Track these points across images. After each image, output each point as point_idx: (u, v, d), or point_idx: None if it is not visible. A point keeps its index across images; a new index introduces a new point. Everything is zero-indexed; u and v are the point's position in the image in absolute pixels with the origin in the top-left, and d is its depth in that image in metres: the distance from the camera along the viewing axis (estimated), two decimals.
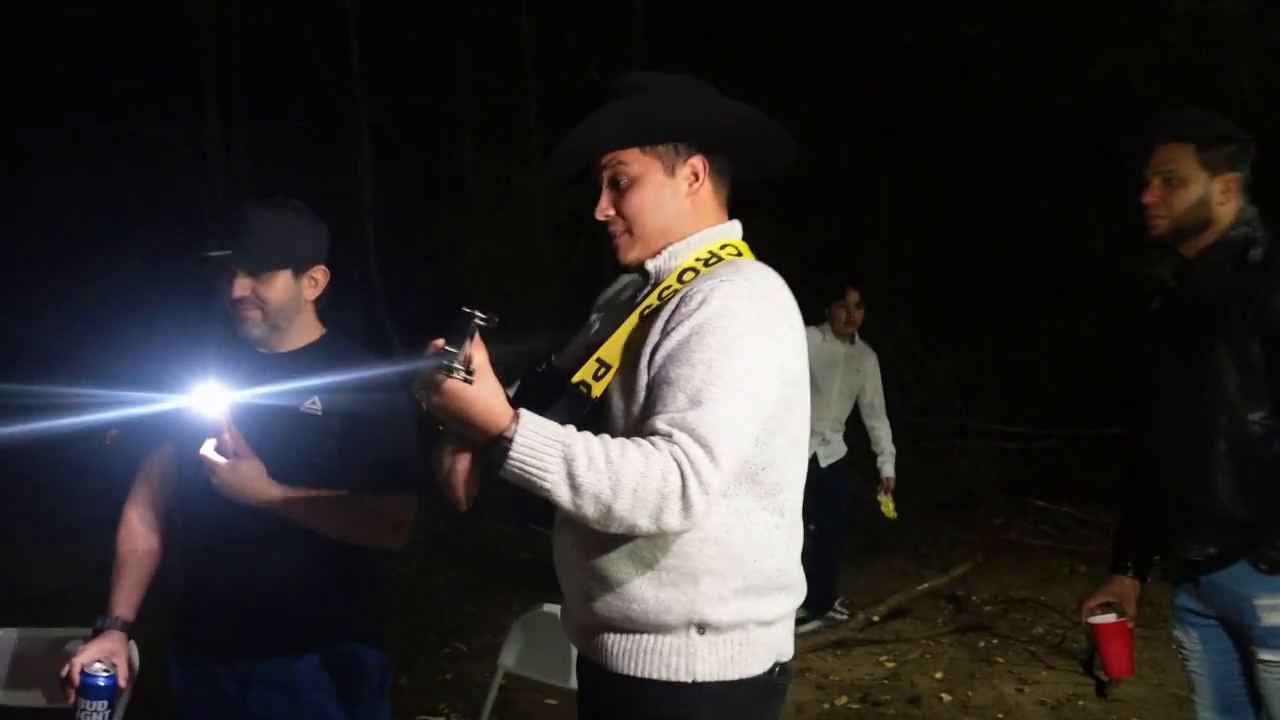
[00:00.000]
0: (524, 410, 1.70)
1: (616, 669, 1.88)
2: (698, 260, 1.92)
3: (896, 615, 6.34)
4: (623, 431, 1.80)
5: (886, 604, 6.34)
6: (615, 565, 1.84)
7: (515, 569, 7.26)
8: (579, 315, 2.16)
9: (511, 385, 2.03)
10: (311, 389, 2.43)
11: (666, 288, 1.90)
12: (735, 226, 2.02)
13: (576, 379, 1.87)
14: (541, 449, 1.67)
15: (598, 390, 1.86)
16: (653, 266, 1.95)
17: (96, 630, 2.45)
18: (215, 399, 2.30)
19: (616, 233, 1.96)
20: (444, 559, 7.49)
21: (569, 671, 2.06)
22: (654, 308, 1.89)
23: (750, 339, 1.78)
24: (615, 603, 1.86)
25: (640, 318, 1.89)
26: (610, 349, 1.88)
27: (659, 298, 1.90)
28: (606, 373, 1.87)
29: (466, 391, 1.67)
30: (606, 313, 2.06)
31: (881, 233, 13.07)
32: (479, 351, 1.69)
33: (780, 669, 1.94)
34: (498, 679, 3.29)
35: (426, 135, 13.03)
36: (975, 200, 12.12)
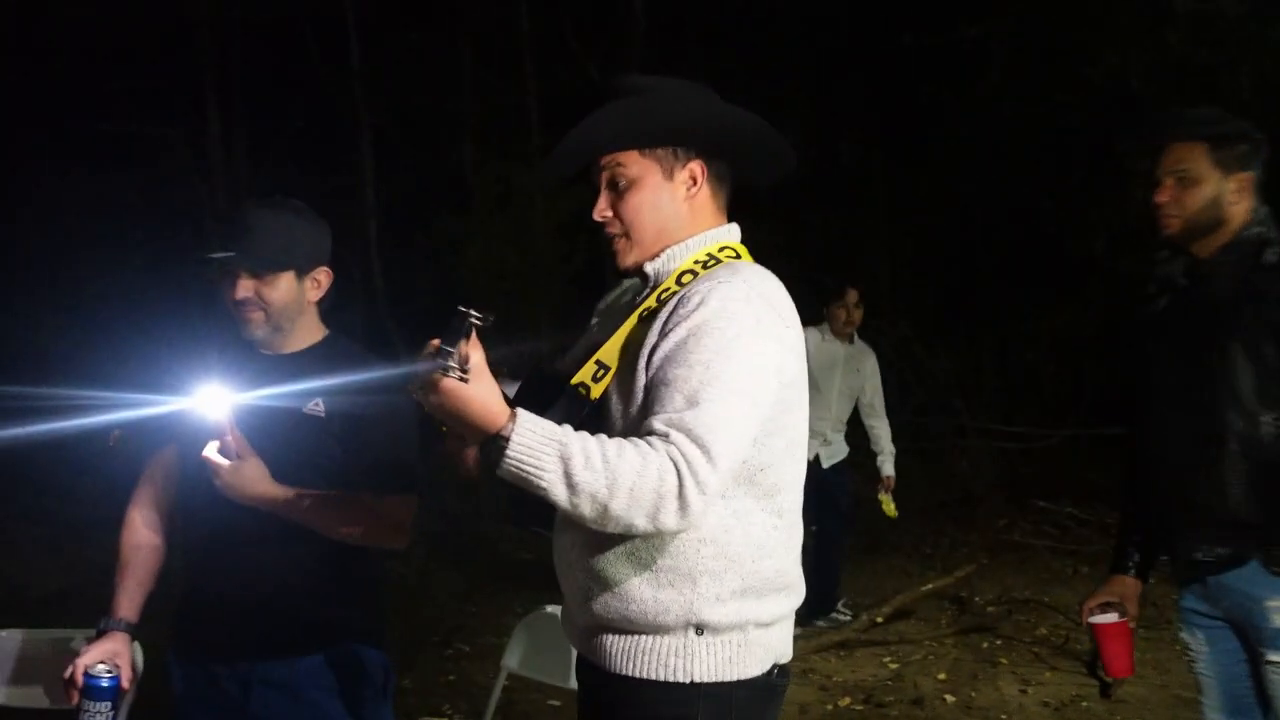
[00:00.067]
0: (521, 409, 1.70)
1: (615, 670, 1.88)
2: (696, 263, 1.93)
3: (900, 616, 6.34)
4: (621, 432, 1.80)
5: (890, 605, 6.34)
6: (614, 566, 1.84)
7: (516, 570, 7.26)
8: (580, 316, 2.16)
9: (513, 386, 2.03)
10: (314, 390, 2.43)
11: (665, 290, 1.90)
12: (734, 229, 2.03)
13: (575, 380, 1.88)
14: (538, 448, 1.67)
15: (596, 392, 1.87)
16: (651, 269, 1.96)
17: (100, 631, 2.45)
18: (218, 401, 2.30)
19: (614, 235, 1.97)
20: (444, 560, 7.48)
21: (571, 673, 2.06)
22: (652, 310, 1.89)
23: (747, 340, 1.79)
24: (614, 603, 1.86)
25: (639, 319, 1.90)
26: (609, 351, 1.89)
27: (657, 300, 1.90)
28: (605, 374, 1.88)
29: (463, 391, 1.67)
30: (606, 316, 2.07)
31: (882, 233, 13.07)
32: (476, 351, 1.69)
33: (779, 670, 1.94)
34: (501, 680, 3.29)
35: (427, 135, 13.03)
36: (975, 200, 12.11)
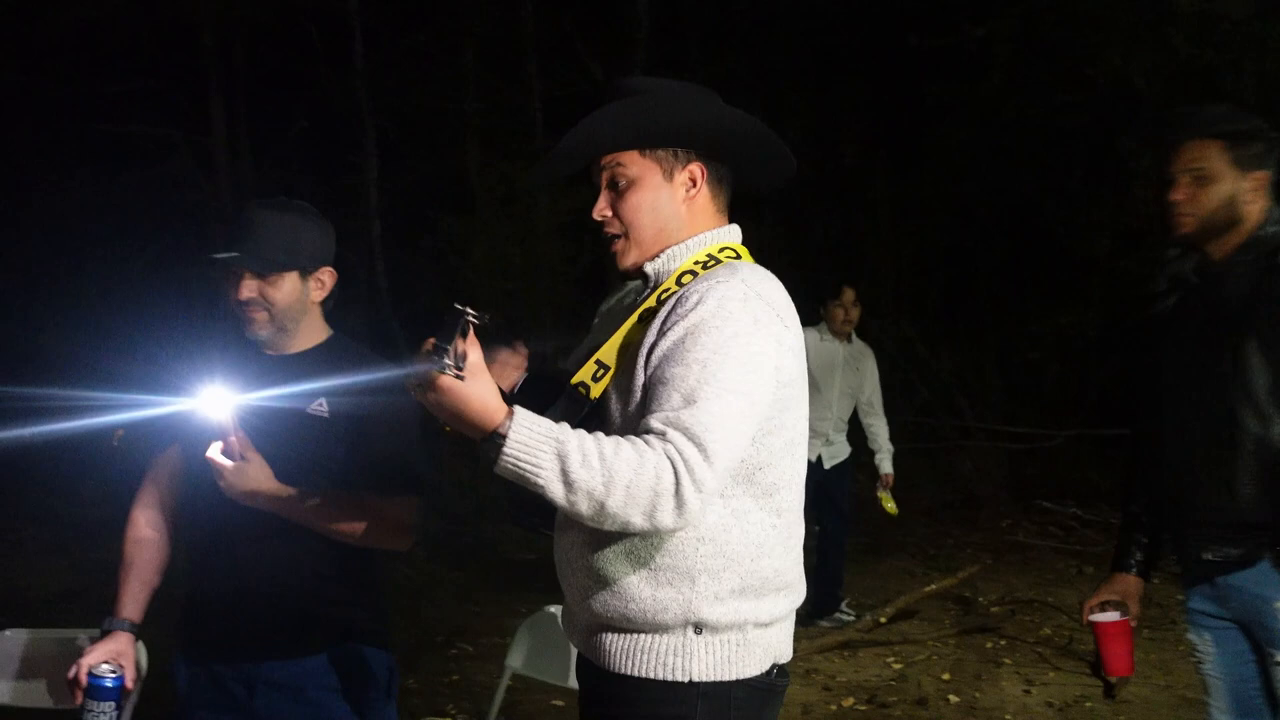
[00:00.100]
0: (518, 407, 1.71)
1: (614, 669, 1.88)
2: (696, 263, 1.93)
3: (903, 616, 6.33)
4: (620, 431, 1.80)
5: (893, 605, 6.33)
6: (613, 564, 1.85)
7: (518, 570, 7.26)
8: (584, 317, 2.16)
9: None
10: (318, 391, 2.43)
11: (665, 290, 1.91)
12: (734, 230, 2.03)
13: (575, 380, 1.89)
14: (535, 445, 1.67)
15: (596, 391, 1.88)
16: (651, 269, 1.97)
17: (104, 631, 2.45)
18: (221, 401, 2.29)
19: (614, 235, 1.98)
20: (447, 560, 7.49)
21: (573, 672, 2.06)
22: (652, 309, 1.90)
23: (745, 339, 1.79)
24: (613, 602, 1.86)
25: (638, 319, 1.91)
26: (609, 350, 1.90)
27: (657, 300, 1.91)
28: (605, 374, 1.89)
29: (461, 388, 1.67)
30: (609, 317, 2.07)
31: (884, 233, 13.07)
32: (473, 349, 1.70)
33: (779, 670, 1.94)
34: (505, 680, 3.29)
35: (430, 136, 13.04)
36: (977, 200, 12.11)
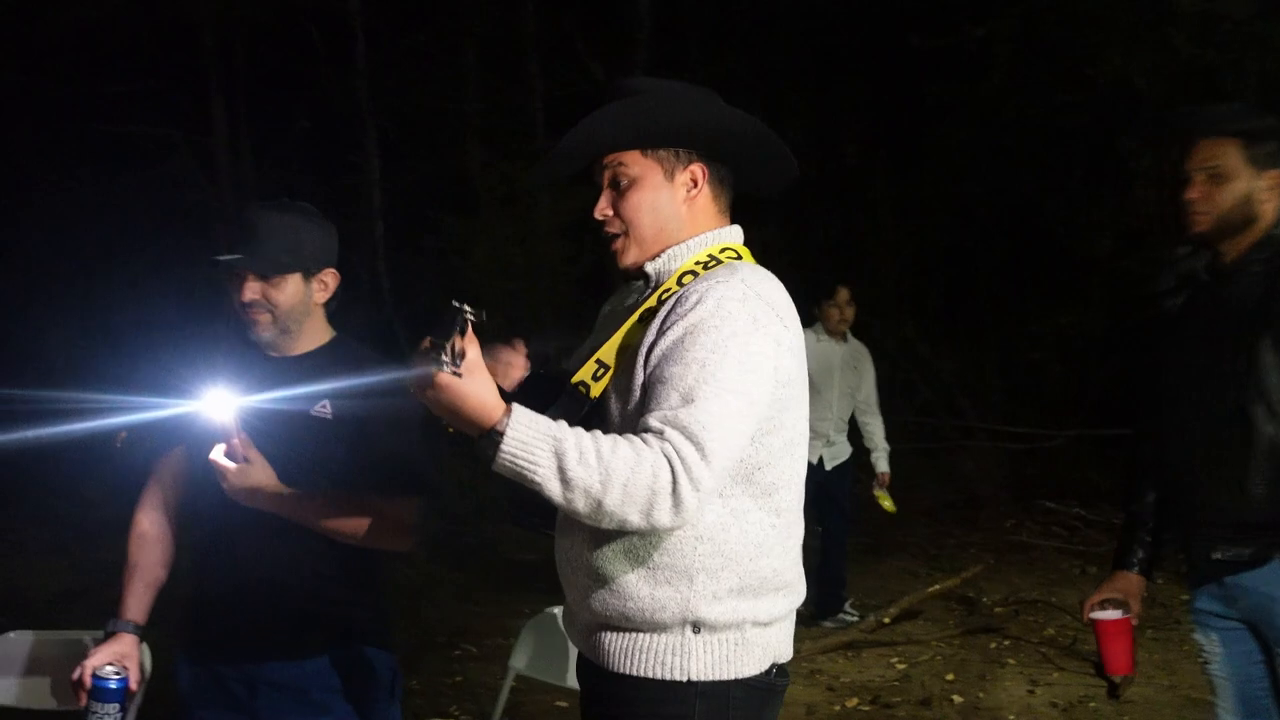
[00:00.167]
0: (516, 404, 1.71)
1: (614, 668, 1.89)
2: (697, 263, 1.94)
3: (907, 617, 6.33)
4: (620, 431, 1.81)
5: (897, 606, 6.33)
6: (612, 563, 1.85)
7: (519, 571, 7.25)
8: (585, 317, 2.16)
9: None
10: (321, 392, 2.43)
11: (666, 290, 1.91)
12: (736, 231, 2.03)
13: (576, 379, 1.90)
14: (532, 443, 1.67)
15: (596, 390, 1.88)
16: (652, 269, 1.97)
17: (108, 633, 2.46)
18: (224, 403, 2.29)
19: (614, 234, 1.98)
20: (447, 561, 7.48)
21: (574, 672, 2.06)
22: (652, 309, 1.90)
23: (744, 339, 1.79)
24: (612, 601, 1.87)
25: (639, 319, 1.91)
26: (609, 350, 1.90)
27: (658, 300, 1.91)
28: (605, 373, 1.89)
29: (458, 385, 1.67)
30: (610, 317, 2.07)
31: (885, 233, 13.07)
32: (471, 346, 1.70)
33: (778, 670, 1.94)
34: (509, 681, 3.29)
35: (431, 136, 13.04)
36: (978, 200, 12.11)
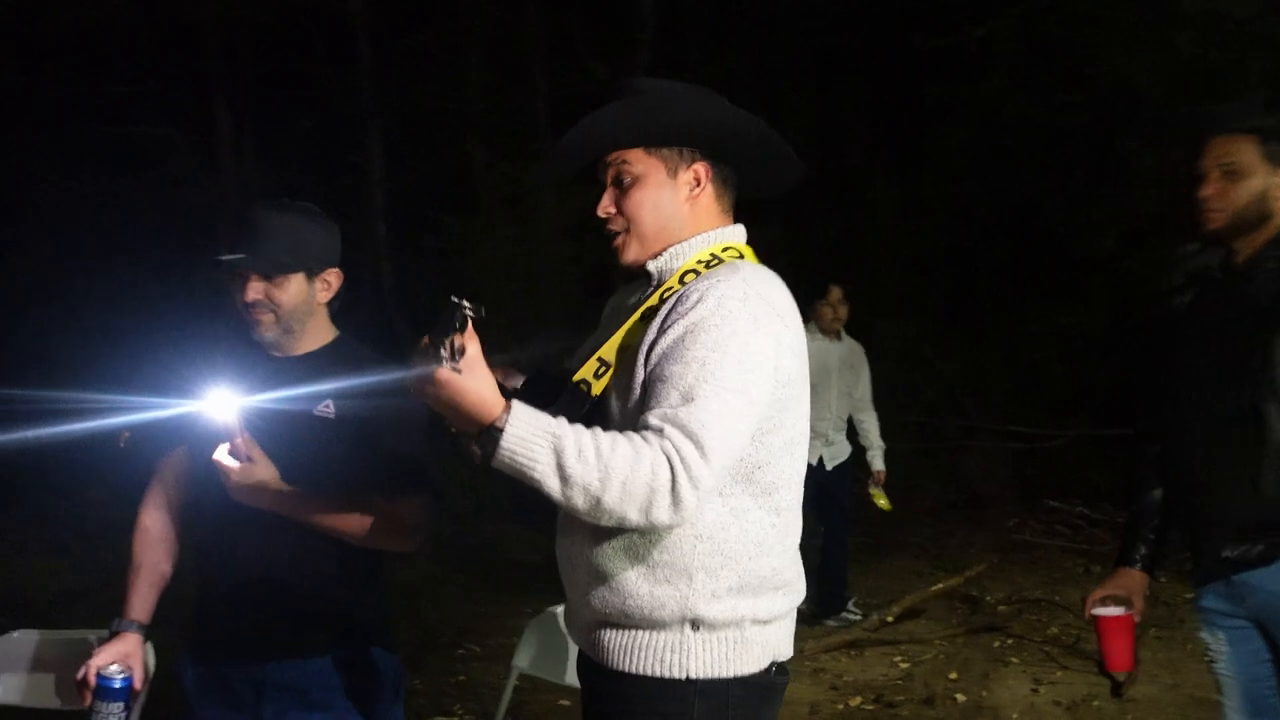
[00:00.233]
0: (516, 401, 1.71)
1: (613, 666, 1.89)
2: (699, 262, 1.94)
3: (910, 616, 6.33)
4: (621, 429, 1.81)
5: (900, 604, 6.33)
6: (613, 561, 1.86)
7: (521, 570, 7.25)
8: (588, 317, 2.16)
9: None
10: (324, 392, 2.43)
11: (668, 289, 1.92)
12: (739, 230, 2.04)
13: (577, 377, 1.90)
14: (531, 439, 1.68)
15: (597, 388, 1.89)
16: (654, 268, 1.97)
17: (112, 632, 2.46)
18: (227, 403, 2.30)
19: (617, 231, 1.99)
20: (449, 561, 7.49)
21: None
22: (654, 307, 1.91)
23: (744, 338, 1.80)
24: (612, 598, 1.87)
25: (640, 317, 1.91)
26: (610, 348, 1.91)
27: (660, 298, 1.92)
28: (606, 371, 1.89)
29: (458, 382, 1.68)
30: (613, 315, 2.07)
31: (887, 233, 13.07)
32: (471, 342, 1.70)
33: (778, 668, 1.95)
34: (512, 680, 3.29)
35: (434, 136, 13.05)
36: (980, 200, 12.11)
